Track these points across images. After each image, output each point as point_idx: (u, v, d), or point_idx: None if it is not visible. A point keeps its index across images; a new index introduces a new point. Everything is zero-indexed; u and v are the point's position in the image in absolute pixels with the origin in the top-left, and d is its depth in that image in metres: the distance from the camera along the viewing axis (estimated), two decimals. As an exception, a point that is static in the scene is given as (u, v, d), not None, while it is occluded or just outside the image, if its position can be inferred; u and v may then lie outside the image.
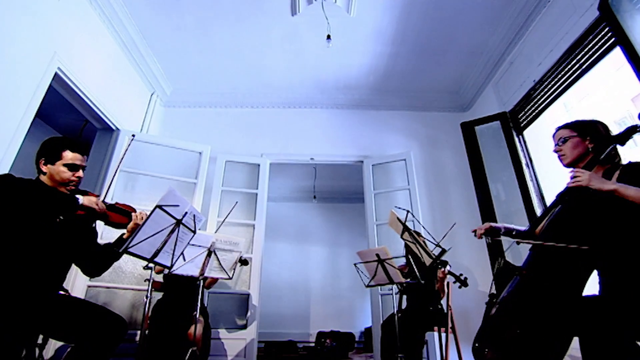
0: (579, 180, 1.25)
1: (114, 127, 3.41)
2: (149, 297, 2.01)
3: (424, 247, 2.20)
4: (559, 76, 2.78)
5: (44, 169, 1.63)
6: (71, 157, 1.64)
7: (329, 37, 3.04)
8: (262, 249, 3.54)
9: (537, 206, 2.98)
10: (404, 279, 2.39)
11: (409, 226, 2.23)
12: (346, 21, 3.22)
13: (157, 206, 1.47)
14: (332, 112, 4.38)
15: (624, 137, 1.28)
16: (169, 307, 2.62)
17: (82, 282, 2.84)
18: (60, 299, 1.59)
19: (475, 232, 1.77)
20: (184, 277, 2.30)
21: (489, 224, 1.74)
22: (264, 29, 3.36)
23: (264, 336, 4.92)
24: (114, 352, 1.52)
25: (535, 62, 3.00)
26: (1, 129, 2.16)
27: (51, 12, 2.50)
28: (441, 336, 2.75)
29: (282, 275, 6.40)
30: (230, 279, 2.38)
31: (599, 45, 2.39)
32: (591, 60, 2.48)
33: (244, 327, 3.25)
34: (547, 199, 2.97)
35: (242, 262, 2.70)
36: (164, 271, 2.63)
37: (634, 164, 1.32)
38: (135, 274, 3.13)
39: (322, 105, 4.37)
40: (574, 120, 1.53)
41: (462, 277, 2.55)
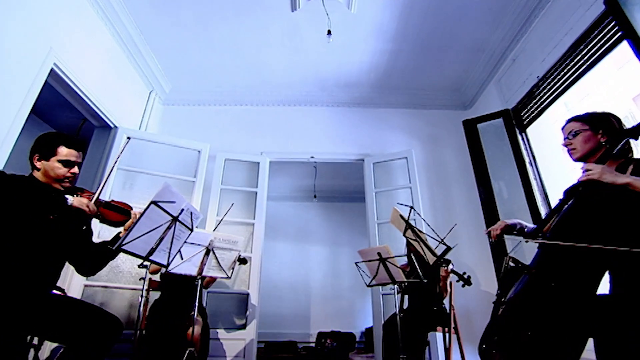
0: (591, 173, 1.20)
1: (112, 125, 3.37)
2: (143, 297, 1.97)
3: (428, 245, 2.16)
4: (563, 72, 2.73)
5: (38, 165, 1.58)
6: (66, 153, 1.59)
7: (329, 33, 3.00)
8: (261, 248, 3.50)
9: (540, 204, 2.94)
10: (405, 278, 2.35)
11: (412, 223, 2.19)
12: (347, 17, 3.18)
13: (152, 202, 1.43)
14: (333, 109, 4.33)
15: (638, 130, 1.23)
16: (167, 307, 2.58)
17: (79, 282, 2.80)
18: (53, 298, 1.54)
19: (489, 233, 1.62)
20: (181, 276, 2.26)
21: (504, 222, 1.59)
22: (263, 25, 3.31)
23: (264, 336, 4.89)
24: (110, 353, 1.48)
25: (538, 58, 2.96)
26: (-5, 125, 2.12)
27: (47, 6, 2.46)
28: (445, 336, 2.71)
29: (282, 274, 6.35)
30: (229, 278, 2.34)
31: (604, 40, 2.34)
32: (596, 55, 2.43)
33: (243, 327, 3.21)
34: (551, 197, 2.93)
35: (241, 261, 2.66)
36: (161, 270, 2.59)
37: None
38: (132, 273, 3.09)
39: (323, 102, 4.33)
40: (585, 112, 1.46)
41: (465, 276, 2.52)
